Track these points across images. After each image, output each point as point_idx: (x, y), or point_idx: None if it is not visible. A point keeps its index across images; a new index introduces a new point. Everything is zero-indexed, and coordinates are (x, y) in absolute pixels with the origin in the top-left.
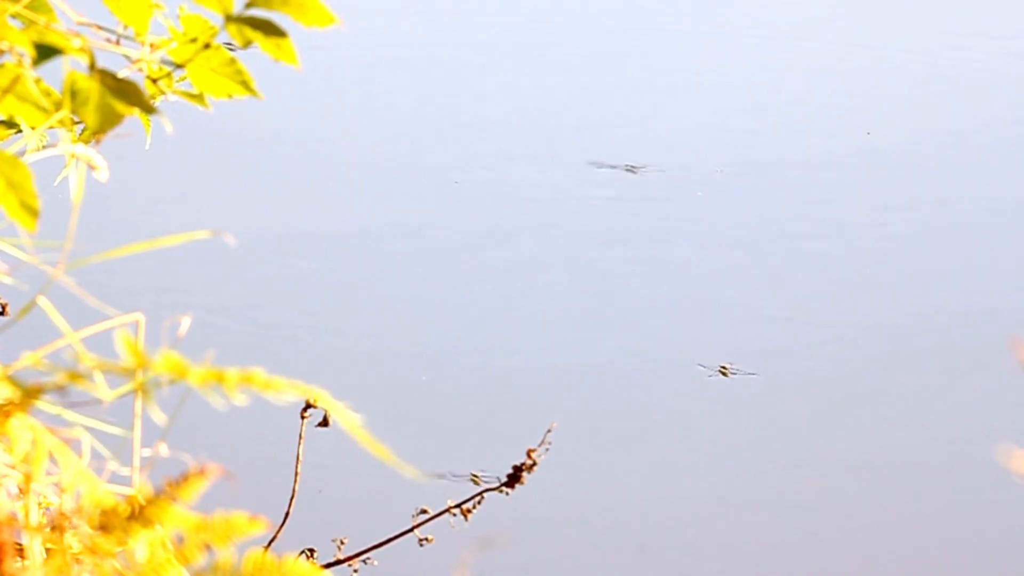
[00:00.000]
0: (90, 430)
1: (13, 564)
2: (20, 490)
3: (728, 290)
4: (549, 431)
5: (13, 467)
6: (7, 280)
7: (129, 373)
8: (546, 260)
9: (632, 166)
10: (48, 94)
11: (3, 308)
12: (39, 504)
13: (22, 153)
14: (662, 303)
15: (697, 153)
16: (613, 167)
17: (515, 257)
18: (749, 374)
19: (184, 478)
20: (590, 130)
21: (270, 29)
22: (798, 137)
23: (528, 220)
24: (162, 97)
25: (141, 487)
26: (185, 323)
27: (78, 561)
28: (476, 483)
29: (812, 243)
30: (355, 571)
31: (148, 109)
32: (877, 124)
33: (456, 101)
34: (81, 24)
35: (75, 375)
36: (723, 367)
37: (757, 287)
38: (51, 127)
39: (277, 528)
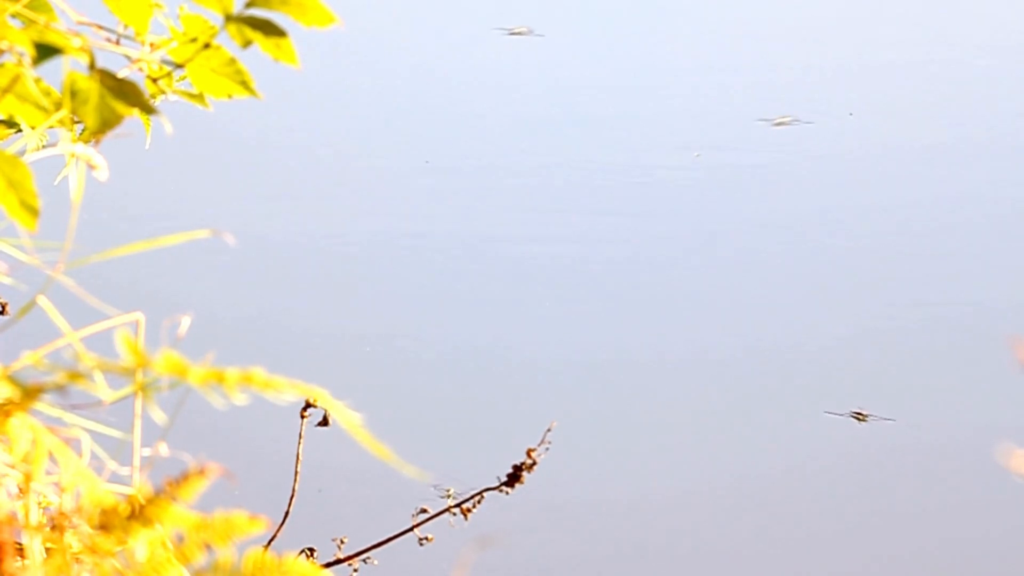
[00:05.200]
0: (90, 430)
1: (13, 564)
2: (20, 490)
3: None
4: (549, 430)
5: (13, 467)
6: (7, 280)
7: (129, 373)
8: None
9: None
10: (48, 94)
11: (3, 308)
12: (39, 504)
13: (22, 153)
14: (651, 295)
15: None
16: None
17: (528, 253)
18: (883, 419)
19: (184, 478)
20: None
21: (270, 29)
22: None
23: (548, 217)
24: (162, 97)
25: (141, 487)
26: (185, 323)
27: (78, 561)
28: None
29: (812, 239)
30: (355, 571)
31: (148, 109)
32: (878, 125)
33: (455, 101)
34: (81, 24)
35: (75, 375)
36: (858, 412)
37: (750, 276)
38: (51, 127)
39: (277, 528)
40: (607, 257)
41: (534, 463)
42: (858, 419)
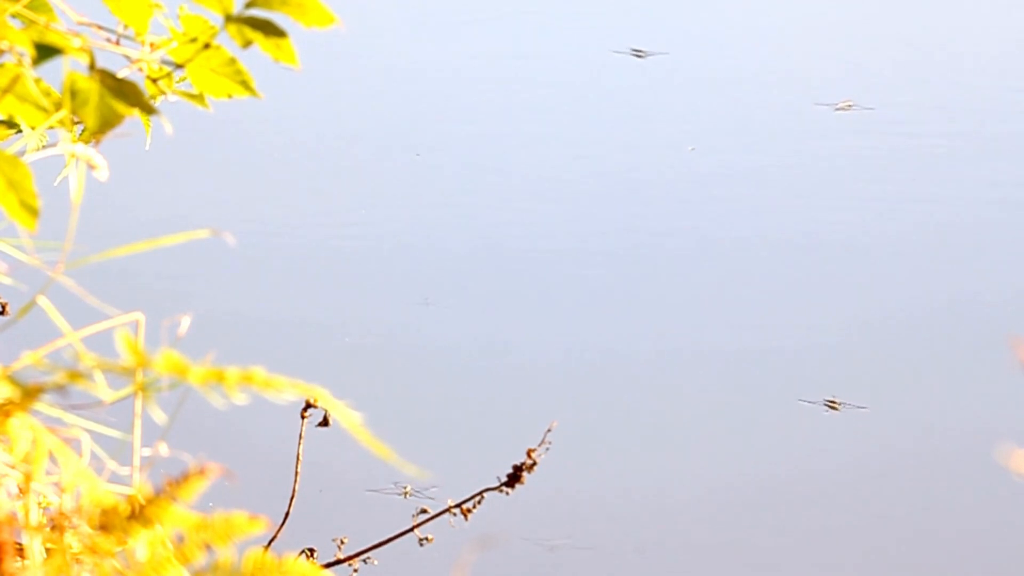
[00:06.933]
0: (90, 430)
1: (13, 564)
2: (20, 490)
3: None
4: (549, 430)
5: (13, 467)
6: (7, 280)
7: (129, 373)
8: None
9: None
10: (48, 94)
11: (3, 308)
12: (39, 504)
13: (22, 153)
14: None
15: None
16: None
17: (535, 251)
18: (856, 407)
19: (184, 478)
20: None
21: (270, 29)
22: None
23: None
24: (162, 97)
25: (141, 487)
26: (185, 323)
27: (78, 561)
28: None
29: (811, 238)
30: (355, 571)
31: (148, 109)
32: (875, 123)
33: (452, 96)
34: (81, 24)
35: (75, 375)
36: (831, 401)
37: (745, 275)
38: (51, 127)
39: (277, 528)
40: (603, 255)
41: (534, 463)
42: (831, 407)
